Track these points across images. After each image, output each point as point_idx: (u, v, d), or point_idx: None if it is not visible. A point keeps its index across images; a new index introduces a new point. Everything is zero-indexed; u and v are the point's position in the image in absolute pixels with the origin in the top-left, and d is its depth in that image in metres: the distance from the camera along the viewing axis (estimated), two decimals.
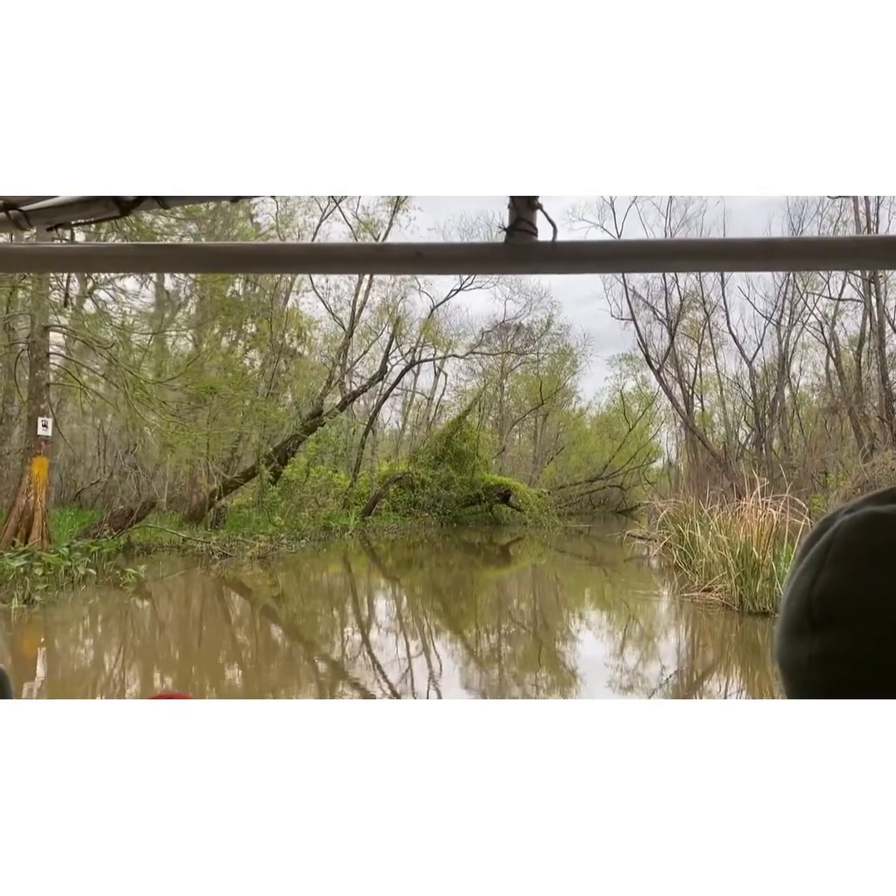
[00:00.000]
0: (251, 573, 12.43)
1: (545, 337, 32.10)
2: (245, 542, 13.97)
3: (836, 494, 10.04)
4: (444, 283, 24.63)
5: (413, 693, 5.88)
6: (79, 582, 10.11)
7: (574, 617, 9.99)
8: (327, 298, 22.56)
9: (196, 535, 14.80)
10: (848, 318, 17.91)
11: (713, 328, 22.70)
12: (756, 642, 7.48)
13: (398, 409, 32.68)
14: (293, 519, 17.34)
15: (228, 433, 15.05)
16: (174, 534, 14.31)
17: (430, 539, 21.08)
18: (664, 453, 35.13)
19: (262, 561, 13.41)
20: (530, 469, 34.47)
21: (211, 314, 20.67)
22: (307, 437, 19.56)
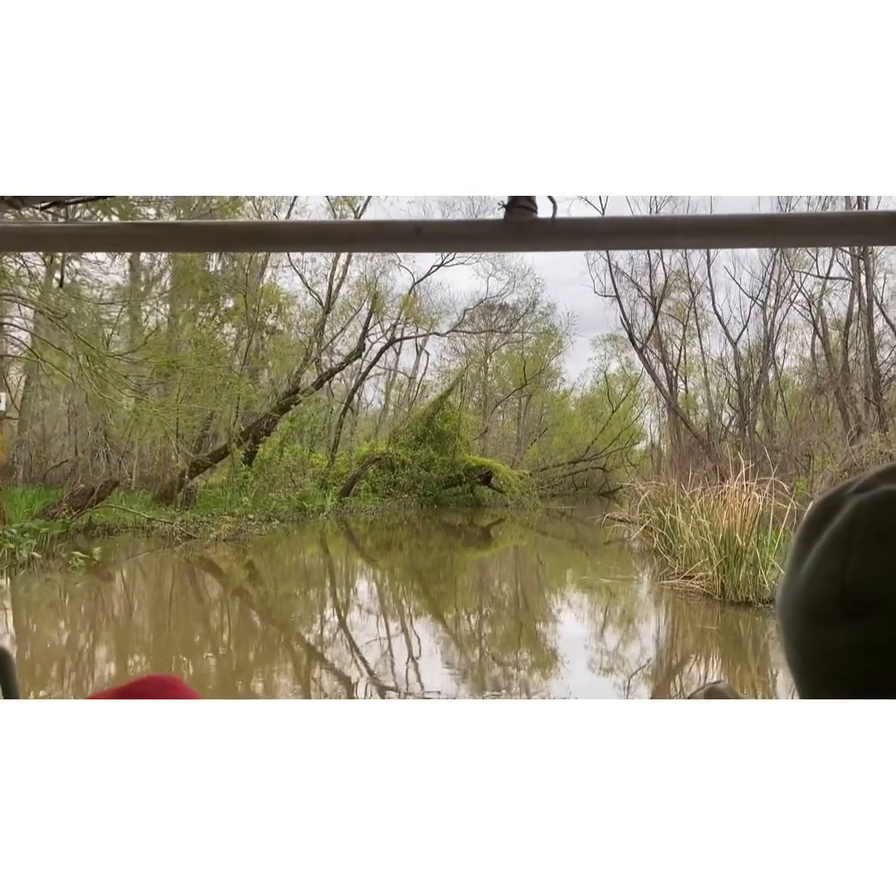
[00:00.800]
0: (216, 556, 11.94)
1: (529, 317, 31.62)
2: (211, 524, 13.45)
3: (821, 478, 9.69)
4: (424, 258, 23.95)
5: (393, 675, 5.82)
6: (21, 566, 9.57)
7: (553, 600, 9.65)
8: (304, 272, 21.89)
9: (162, 515, 14.25)
10: (836, 298, 17.60)
11: (698, 309, 22.46)
12: (738, 635, 7.08)
13: (381, 389, 32.28)
14: (265, 499, 16.80)
15: (195, 410, 14.45)
16: (137, 514, 13.75)
17: (409, 520, 20.97)
18: (647, 435, 35.04)
19: (227, 543, 12.90)
20: (513, 450, 34.23)
21: (184, 288, 20.02)
22: (280, 416, 18.95)
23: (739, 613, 7.58)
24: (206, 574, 10.87)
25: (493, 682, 5.65)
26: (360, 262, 22.03)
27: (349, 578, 11.52)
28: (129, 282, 19.27)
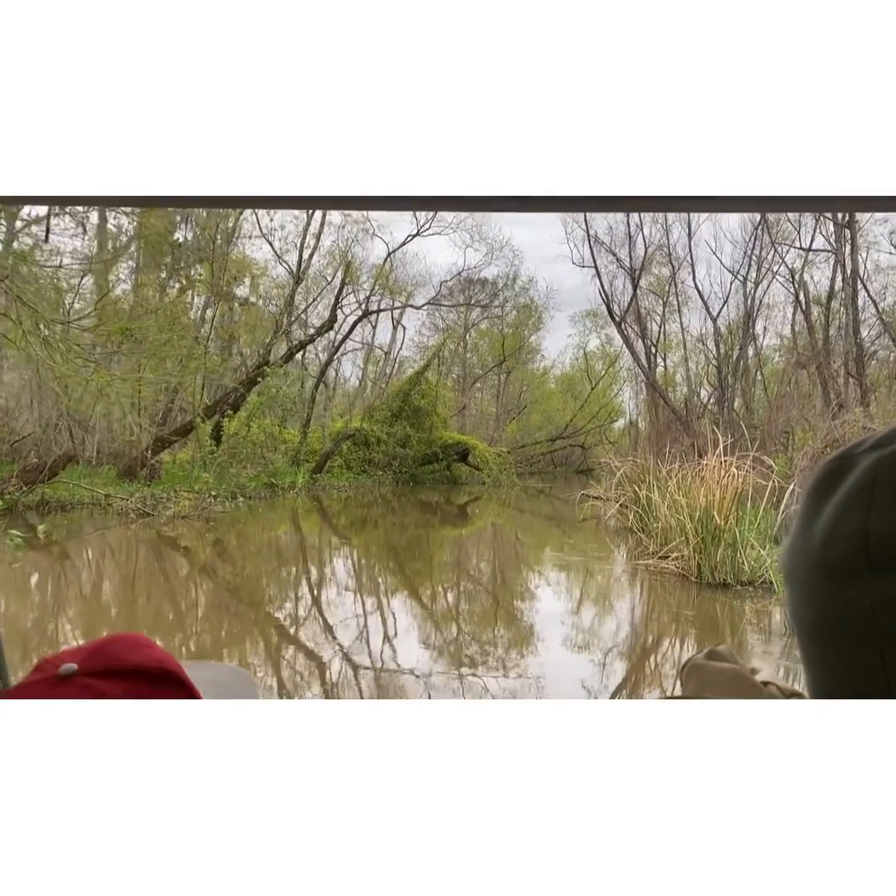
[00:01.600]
0: (174, 533, 11.39)
1: (509, 291, 31.16)
2: (170, 500, 12.87)
3: (802, 454, 9.33)
4: (400, 228, 23.31)
5: (368, 652, 5.74)
6: None
7: (531, 578, 9.25)
8: (273, 240, 21.09)
9: (119, 491, 13.64)
10: (818, 271, 17.23)
11: (679, 285, 22.12)
12: (714, 619, 6.67)
13: (359, 364, 31.71)
14: (232, 475, 16.22)
15: (154, 382, 13.79)
16: (94, 490, 13.14)
17: (384, 498, 20.77)
18: (626, 413, 34.98)
19: (186, 521, 12.34)
20: (492, 428, 33.99)
21: (150, 256, 19.28)
22: (248, 390, 18.28)
23: (717, 596, 7.16)
24: (166, 552, 10.34)
25: (469, 660, 5.60)
26: (333, 231, 21.32)
27: (322, 556, 11.29)
28: (94, 249, 18.50)
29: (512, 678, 5.15)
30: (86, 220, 17.43)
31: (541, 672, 5.24)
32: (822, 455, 9.00)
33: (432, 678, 5.08)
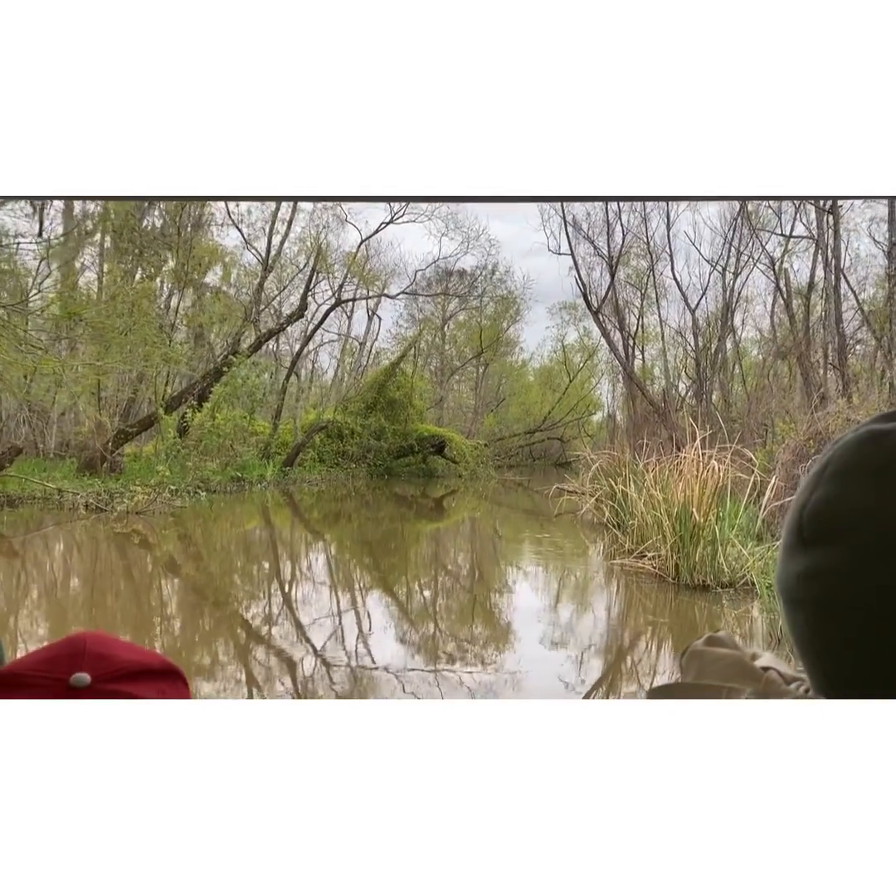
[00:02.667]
0: (126, 530, 10.77)
1: (486, 282, 30.80)
2: (124, 496, 12.24)
3: (784, 447, 8.94)
4: (373, 216, 22.71)
5: (344, 650, 5.58)
6: None
7: (508, 573, 8.78)
8: (241, 225, 20.37)
9: (79, 485, 12.98)
10: (798, 260, 16.90)
11: (657, 277, 21.83)
12: (693, 623, 6.17)
13: (336, 356, 31.22)
14: (197, 469, 15.58)
15: (107, 370, 13.11)
16: (43, 484, 12.47)
17: (358, 491, 20.52)
18: (604, 406, 34.94)
19: (140, 517, 11.71)
20: (469, 420, 33.73)
21: (113, 242, 18.58)
22: (213, 380, 17.60)
23: (695, 600, 6.67)
24: (119, 549, 9.74)
25: (448, 656, 5.47)
26: (304, 217, 20.67)
27: (293, 551, 10.96)
28: (56, 234, 17.78)
29: (489, 674, 5.01)
30: (47, 205, 16.69)
31: (517, 668, 5.11)
32: (805, 448, 8.62)
33: (408, 674, 4.96)
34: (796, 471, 8.48)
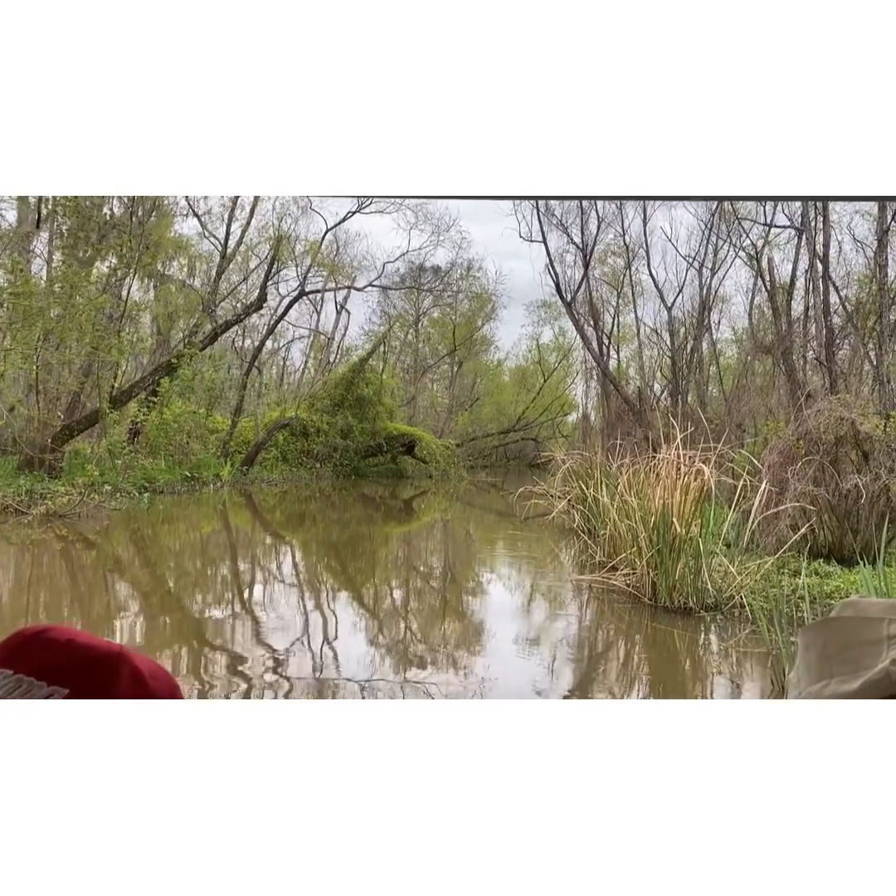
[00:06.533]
0: (43, 536, 9.69)
1: (458, 276, 30.11)
2: (45, 497, 11.14)
3: (770, 447, 8.14)
4: (342, 205, 21.70)
5: (311, 653, 5.37)
6: None
7: (479, 575, 7.88)
8: (199, 211, 19.26)
9: (14, 485, 11.85)
10: (779, 252, 16.23)
11: (633, 274, 21.30)
12: (674, 657, 5.18)
13: (306, 351, 30.31)
14: (140, 468, 14.48)
15: (26, 360, 11.98)
16: None
17: (323, 492, 19.75)
18: (579, 406, 34.73)
19: (65, 521, 10.62)
20: (442, 419, 33.22)
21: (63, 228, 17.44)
22: (165, 374, 16.48)
23: (676, 622, 5.69)
24: (31, 556, 8.68)
25: (418, 659, 5.27)
26: (265, 204, 19.61)
27: (252, 554, 10.40)
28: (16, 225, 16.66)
29: (460, 679, 4.76)
30: None
31: (488, 674, 4.83)
32: (794, 448, 7.81)
33: (375, 683, 4.69)
34: (785, 474, 7.65)
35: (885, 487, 7.23)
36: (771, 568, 6.19)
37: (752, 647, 5.07)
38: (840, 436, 7.61)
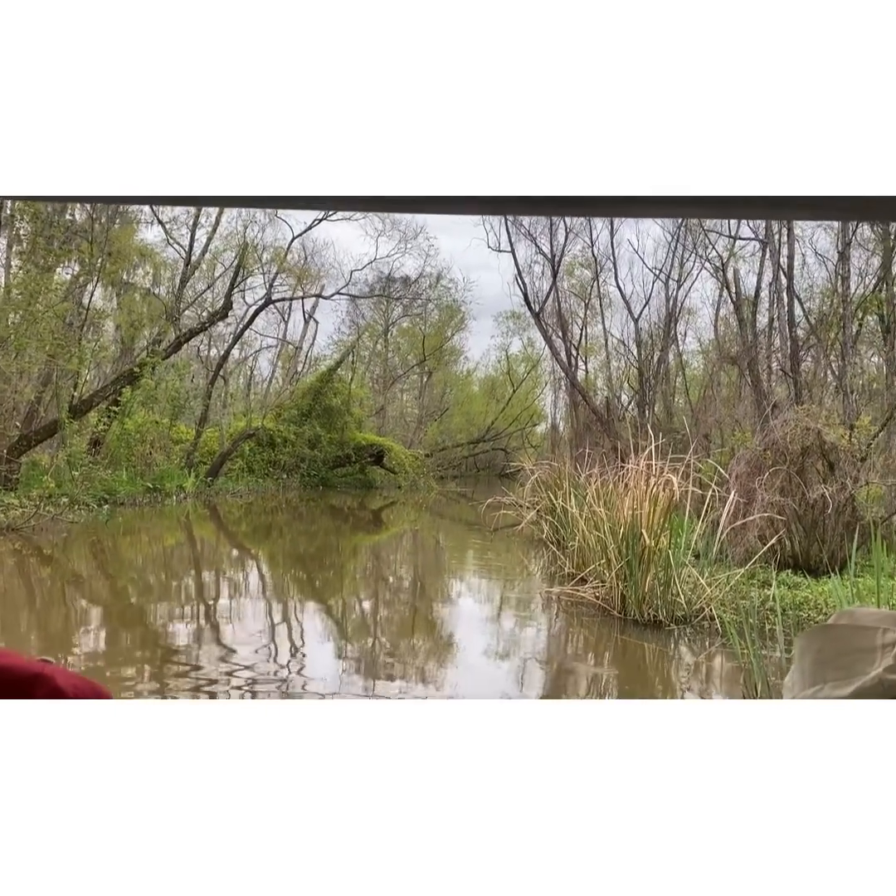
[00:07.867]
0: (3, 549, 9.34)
1: (426, 283, 30.06)
2: (5, 508, 10.75)
3: (738, 457, 8.15)
4: (306, 212, 21.50)
5: (277, 666, 5.32)
6: None
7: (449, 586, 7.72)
8: (164, 219, 18.93)
9: None
10: (745, 264, 16.44)
11: (601, 287, 21.43)
12: (642, 673, 5.09)
13: (274, 362, 29.98)
14: (98, 480, 14.09)
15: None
16: None
17: (290, 503, 19.52)
18: (548, 417, 34.97)
19: (18, 534, 10.25)
20: (412, 430, 33.14)
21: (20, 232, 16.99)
22: (127, 383, 16.10)
23: (644, 637, 5.61)
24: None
25: (386, 673, 5.23)
26: (230, 211, 19.34)
27: (216, 566, 10.20)
28: None
29: (429, 692, 4.72)
30: None
31: (455, 689, 4.81)
32: (761, 458, 7.81)
33: (343, 697, 4.61)
34: (752, 484, 7.65)
35: (851, 497, 7.26)
36: (740, 579, 6.17)
37: (725, 660, 5.02)
38: (806, 446, 7.64)
